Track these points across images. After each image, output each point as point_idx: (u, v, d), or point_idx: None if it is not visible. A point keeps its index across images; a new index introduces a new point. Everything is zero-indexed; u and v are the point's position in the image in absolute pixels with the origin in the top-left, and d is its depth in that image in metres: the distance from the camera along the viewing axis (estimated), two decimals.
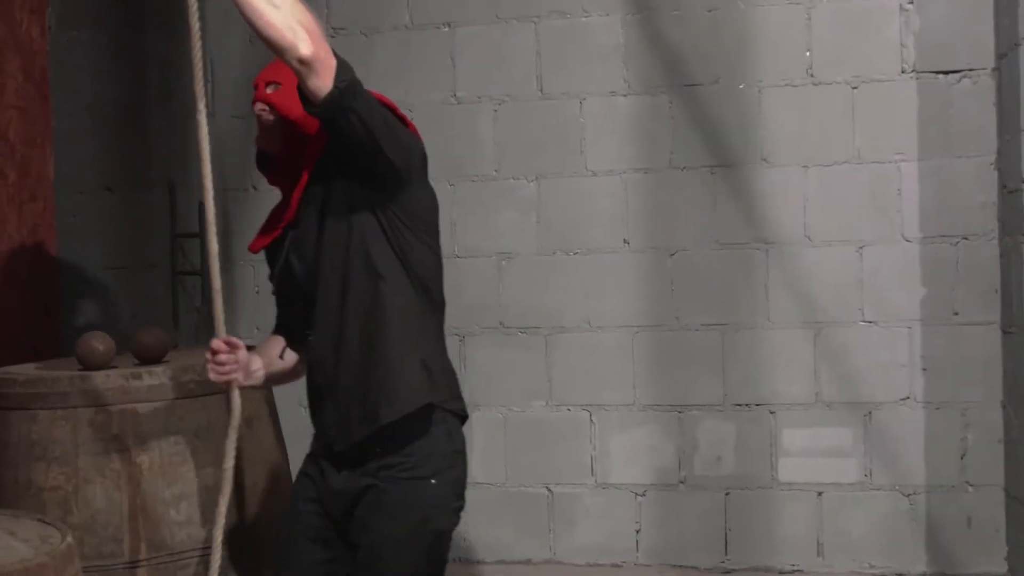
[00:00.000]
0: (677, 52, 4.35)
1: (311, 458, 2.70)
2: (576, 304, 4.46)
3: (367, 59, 4.40)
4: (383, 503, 2.53)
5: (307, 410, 4.29)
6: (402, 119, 2.62)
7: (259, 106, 2.63)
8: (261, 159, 2.75)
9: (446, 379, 2.65)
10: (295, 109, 2.54)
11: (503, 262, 4.48)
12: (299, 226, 2.64)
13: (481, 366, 4.48)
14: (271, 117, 2.62)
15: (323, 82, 2.39)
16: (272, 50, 2.40)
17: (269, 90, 2.63)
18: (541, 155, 4.47)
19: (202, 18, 4.82)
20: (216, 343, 2.61)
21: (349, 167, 2.54)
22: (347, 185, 2.56)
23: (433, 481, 2.55)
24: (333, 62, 2.41)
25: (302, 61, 2.36)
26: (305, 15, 2.40)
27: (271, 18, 2.34)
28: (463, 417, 2.68)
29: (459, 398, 2.68)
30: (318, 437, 2.67)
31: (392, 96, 2.68)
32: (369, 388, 2.54)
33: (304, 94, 2.44)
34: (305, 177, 2.62)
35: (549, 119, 4.46)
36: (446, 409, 2.60)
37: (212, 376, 2.61)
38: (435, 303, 2.67)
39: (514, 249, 4.48)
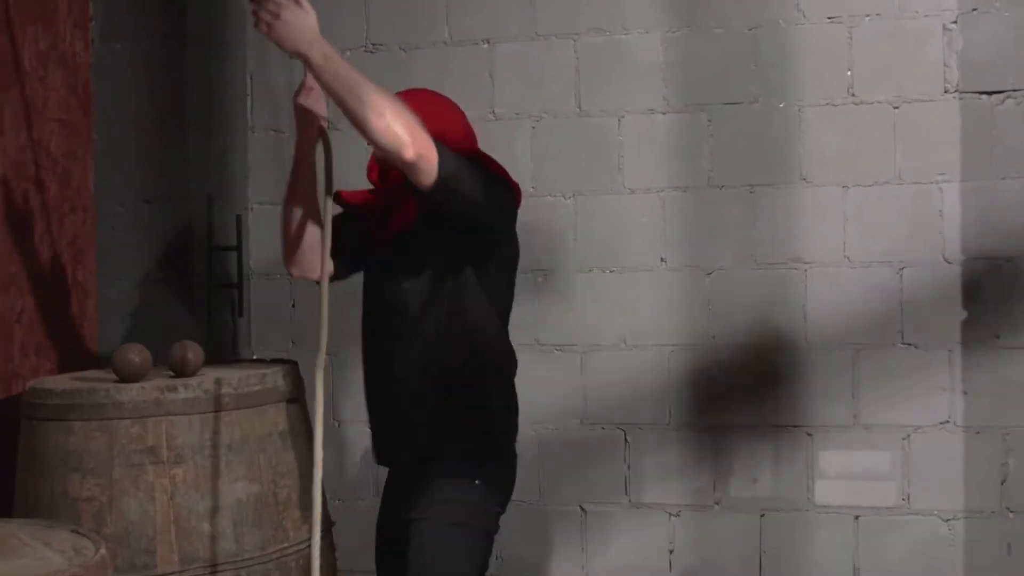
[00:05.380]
0: (717, 70, 4.33)
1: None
2: (612, 322, 4.43)
3: (406, 75, 4.40)
4: (431, 495, 2.81)
5: (338, 425, 4.29)
6: (498, 170, 2.83)
7: None
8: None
9: (515, 411, 3.01)
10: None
11: (539, 279, 4.47)
12: (404, 246, 2.84)
13: (516, 383, 4.45)
14: None
15: (428, 178, 2.57)
16: (382, 153, 2.61)
17: None
18: (579, 172, 4.46)
19: (241, 32, 4.86)
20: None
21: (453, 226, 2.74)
22: (451, 231, 2.75)
23: (477, 482, 2.85)
24: (435, 155, 2.56)
25: (407, 164, 2.54)
26: (405, 116, 2.53)
27: (376, 126, 2.50)
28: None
29: (516, 426, 3.03)
30: (386, 447, 2.96)
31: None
32: (447, 419, 2.85)
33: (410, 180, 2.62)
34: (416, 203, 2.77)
35: (587, 136, 4.45)
36: (508, 437, 2.96)
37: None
38: (506, 335, 3.02)
39: (550, 266, 4.47)
